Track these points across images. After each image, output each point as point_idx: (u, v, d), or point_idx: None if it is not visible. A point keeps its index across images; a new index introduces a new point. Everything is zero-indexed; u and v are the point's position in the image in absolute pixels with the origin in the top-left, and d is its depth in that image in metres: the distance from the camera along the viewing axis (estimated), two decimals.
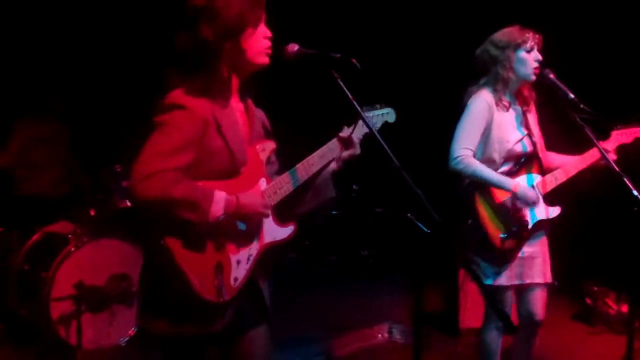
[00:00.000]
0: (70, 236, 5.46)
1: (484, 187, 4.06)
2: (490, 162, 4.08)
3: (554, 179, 4.10)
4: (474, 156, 4.07)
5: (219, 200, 2.63)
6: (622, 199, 3.70)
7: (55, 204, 6.16)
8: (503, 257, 4.05)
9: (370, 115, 3.08)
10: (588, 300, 6.54)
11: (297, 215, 3.01)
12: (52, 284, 5.16)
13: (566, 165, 4.13)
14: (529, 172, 4.10)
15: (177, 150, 2.60)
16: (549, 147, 4.32)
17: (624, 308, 6.26)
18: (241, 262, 2.77)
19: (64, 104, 6.54)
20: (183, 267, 2.60)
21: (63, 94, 6.55)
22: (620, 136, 4.20)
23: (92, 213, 5.85)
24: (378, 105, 3.14)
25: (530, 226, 4.04)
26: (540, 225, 4.09)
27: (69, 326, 5.16)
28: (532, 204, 4.01)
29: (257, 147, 2.89)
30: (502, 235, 4.00)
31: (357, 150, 2.97)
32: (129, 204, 5.86)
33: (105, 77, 7.40)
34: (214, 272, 2.67)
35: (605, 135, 4.18)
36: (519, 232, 4.02)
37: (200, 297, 2.62)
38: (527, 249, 4.07)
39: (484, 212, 4.06)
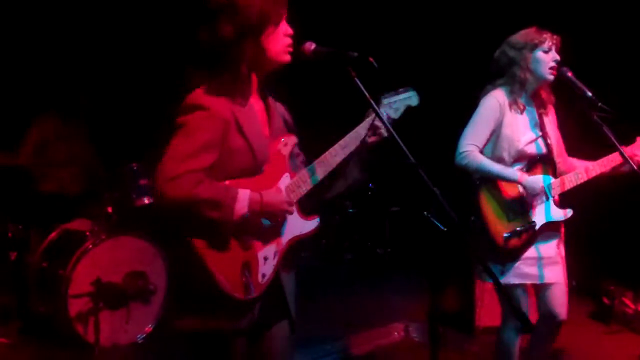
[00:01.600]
0: (87, 234, 5.50)
1: (491, 182, 4.04)
2: (499, 162, 4.06)
3: (576, 178, 4.06)
4: (482, 154, 4.06)
5: (243, 198, 2.69)
6: None
7: (74, 202, 6.19)
8: (507, 256, 4.01)
9: (393, 100, 3.00)
10: (605, 300, 6.51)
11: (325, 200, 3.06)
12: (69, 282, 5.19)
13: (588, 167, 4.08)
14: (539, 173, 4.06)
15: (200, 151, 2.67)
16: (571, 150, 4.29)
17: None
18: (268, 258, 2.83)
19: (89, 102, 6.57)
20: (211, 267, 2.68)
21: (88, 92, 6.58)
22: None
23: (110, 211, 5.87)
24: (401, 90, 3.04)
25: (537, 227, 4.02)
26: (550, 226, 4.06)
27: (86, 323, 5.18)
28: (539, 194, 3.97)
29: (279, 142, 2.92)
30: (505, 235, 3.98)
31: (384, 133, 2.91)
32: (146, 201, 5.89)
33: (122, 74, 7.43)
34: (241, 270, 2.74)
35: (630, 140, 4.12)
36: (524, 233, 3.99)
37: (229, 295, 2.70)
38: (535, 250, 4.04)
39: (488, 209, 4.04)
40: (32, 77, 6.83)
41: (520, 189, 3.99)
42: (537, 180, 3.98)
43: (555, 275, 4.08)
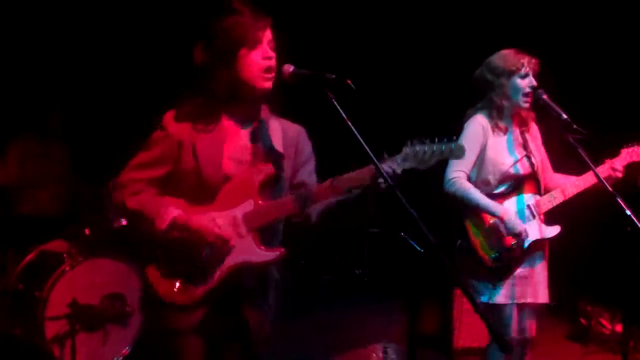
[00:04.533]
0: (64, 255, 5.45)
1: (474, 209, 4.09)
2: (485, 184, 4.11)
3: (552, 200, 4.11)
4: (468, 179, 4.10)
5: (165, 216, 2.86)
6: (616, 218, 3.71)
7: (52, 223, 6.15)
8: (496, 276, 4.06)
9: (425, 150, 2.70)
10: (582, 320, 6.54)
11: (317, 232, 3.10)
12: (46, 304, 5.15)
13: (565, 186, 4.13)
14: (522, 192, 4.11)
15: (146, 165, 2.97)
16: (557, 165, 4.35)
17: (619, 327, 6.27)
18: (207, 274, 2.92)
19: (62, 120, 6.55)
20: (148, 274, 2.98)
21: (61, 111, 6.56)
22: (631, 154, 4.16)
23: (87, 232, 5.84)
24: (441, 138, 2.74)
25: (525, 246, 4.05)
26: (536, 245, 4.10)
27: (63, 346, 5.13)
28: (517, 234, 4.01)
29: (254, 170, 2.96)
30: (492, 256, 4.03)
31: (381, 187, 2.70)
32: (123, 223, 5.86)
33: (102, 95, 7.42)
34: (174, 279, 2.93)
35: (615, 153, 4.17)
36: (511, 253, 4.03)
37: (163, 300, 2.94)
38: (523, 269, 4.09)
39: (474, 233, 4.10)
40: (12, 96, 6.81)
41: (498, 223, 4.03)
42: (518, 223, 4.02)
43: (534, 294, 4.12)
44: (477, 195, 4.06)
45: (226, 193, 2.93)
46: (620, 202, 3.70)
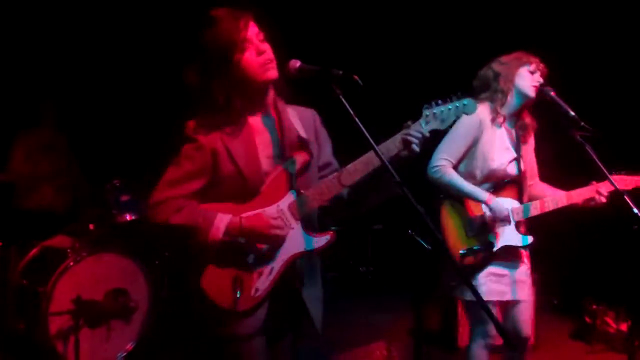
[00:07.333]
0: (68, 251, 5.45)
1: (457, 198, 4.07)
2: (470, 178, 4.09)
3: (530, 210, 4.04)
4: (456, 169, 4.09)
5: (220, 224, 2.82)
6: (622, 216, 3.70)
7: (57, 218, 6.16)
8: (462, 272, 4.00)
9: (439, 110, 2.90)
10: (587, 319, 6.52)
11: (354, 214, 3.22)
12: (50, 299, 5.15)
13: (548, 199, 4.06)
14: (502, 196, 4.06)
15: (183, 179, 2.90)
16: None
17: (624, 326, 6.24)
18: (263, 274, 2.91)
19: (55, 107, 6.57)
20: (203, 285, 2.87)
21: (52, 98, 6.58)
22: (619, 182, 3.94)
23: (91, 227, 5.84)
24: (453, 97, 2.94)
25: (494, 249, 4.01)
26: (509, 250, 4.04)
27: (66, 341, 5.14)
28: (503, 219, 3.98)
29: (287, 161, 2.96)
30: (461, 252, 3.99)
31: (416, 149, 2.85)
32: (127, 218, 5.87)
33: (106, 90, 7.42)
34: (232, 286, 2.86)
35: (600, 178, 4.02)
36: (480, 252, 4.00)
37: (219, 307, 2.87)
38: (493, 269, 4.02)
39: (449, 223, 4.08)
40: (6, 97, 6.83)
41: (485, 210, 4.00)
42: (504, 205, 4.00)
43: (522, 293, 4.08)
44: (461, 182, 4.04)
45: (267, 189, 2.92)
46: (628, 200, 3.68)
